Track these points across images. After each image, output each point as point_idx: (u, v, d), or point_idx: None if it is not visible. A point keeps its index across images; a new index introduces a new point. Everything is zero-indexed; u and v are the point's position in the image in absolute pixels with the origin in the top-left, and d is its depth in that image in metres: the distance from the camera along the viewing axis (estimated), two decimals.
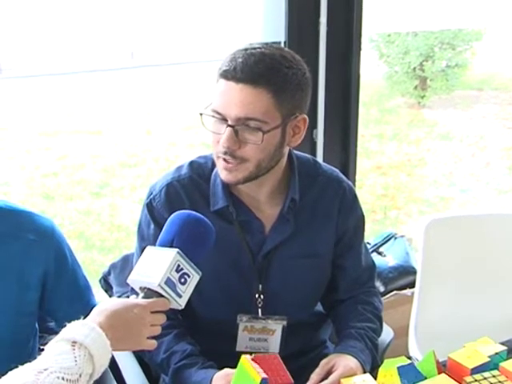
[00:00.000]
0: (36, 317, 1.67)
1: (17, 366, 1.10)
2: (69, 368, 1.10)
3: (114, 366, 1.79)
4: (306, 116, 1.60)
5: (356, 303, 1.79)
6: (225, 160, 1.54)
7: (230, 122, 1.50)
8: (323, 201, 1.72)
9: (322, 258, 1.74)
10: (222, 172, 1.57)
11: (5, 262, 1.56)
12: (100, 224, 5.06)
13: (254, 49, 1.52)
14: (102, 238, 4.85)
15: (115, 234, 4.89)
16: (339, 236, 1.75)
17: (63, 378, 1.08)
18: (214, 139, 1.55)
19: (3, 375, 1.07)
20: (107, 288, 1.94)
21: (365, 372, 1.58)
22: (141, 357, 1.83)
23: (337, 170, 1.81)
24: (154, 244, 1.53)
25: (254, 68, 1.48)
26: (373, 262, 1.91)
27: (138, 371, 1.83)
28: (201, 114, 1.55)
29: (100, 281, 1.97)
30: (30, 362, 1.11)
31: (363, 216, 1.82)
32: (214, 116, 1.53)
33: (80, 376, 1.10)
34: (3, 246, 1.56)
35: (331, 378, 1.52)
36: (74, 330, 1.16)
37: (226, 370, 1.49)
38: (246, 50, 1.51)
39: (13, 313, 1.58)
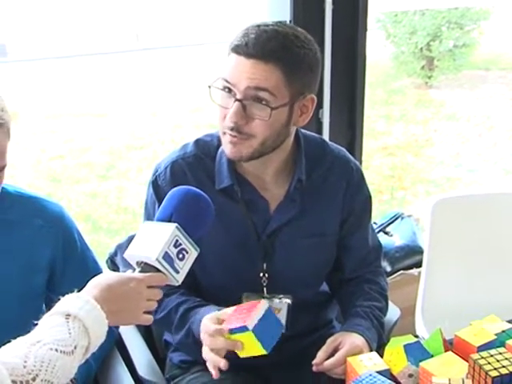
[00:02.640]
0: (43, 299, 1.68)
1: None
2: (63, 340, 1.08)
3: (121, 346, 1.81)
4: (314, 96, 1.59)
5: (362, 282, 1.79)
6: (230, 135, 1.53)
7: (238, 96, 1.49)
8: (330, 180, 1.71)
9: (328, 237, 1.74)
10: (226, 146, 1.57)
11: (14, 246, 1.58)
12: (107, 206, 5.07)
13: (267, 25, 1.52)
14: (108, 221, 4.86)
15: (122, 216, 4.90)
16: (345, 216, 1.75)
17: (57, 350, 1.06)
18: (221, 114, 1.55)
19: None
20: (114, 268, 1.94)
21: (371, 350, 1.58)
22: (148, 337, 1.85)
23: (344, 150, 1.80)
24: None
25: (266, 44, 1.47)
26: (379, 242, 1.91)
27: (146, 351, 1.84)
28: (209, 87, 1.54)
29: (107, 261, 1.97)
30: None
31: (370, 197, 1.82)
32: (223, 89, 1.53)
33: (75, 348, 1.09)
34: (13, 231, 1.58)
35: (337, 355, 1.53)
36: (68, 302, 1.15)
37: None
38: (258, 26, 1.51)
39: (20, 295, 1.59)
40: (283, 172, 1.67)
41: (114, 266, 1.96)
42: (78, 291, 1.20)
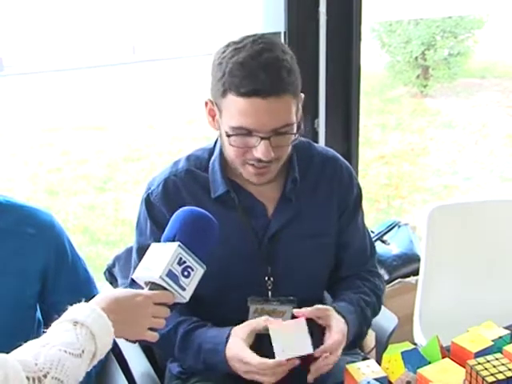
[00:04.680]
0: (36, 309, 1.68)
1: None
2: (71, 343, 1.13)
3: (120, 358, 1.81)
4: (302, 94, 1.62)
5: (356, 279, 1.79)
6: (257, 167, 1.56)
7: (263, 135, 1.50)
8: (322, 180, 1.74)
9: (328, 237, 1.75)
10: (253, 177, 1.59)
11: (5, 256, 1.57)
12: (104, 218, 5.08)
13: (259, 54, 1.48)
14: (106, 233, 4.86)
15: (120, 228, 4.91)
16: (340, 213, 1.76)
17: (65, 351, 1.11)
18: (239, 151, 1.55)
19: None
20: (112, 280, 1.95)
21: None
22: (146, 347, 1.85)
23: (332, 150, 1.83)
24: (150, 239, 1.56)
25: (279, 77, 1.47)
26: (373, 244, 1.90)
27: (145, 363, 1.84)
28: (228, 136, 1.53)
29: (105, 273, 1.97)
30: None
31: (361, 191, 1.83)
32: (242, 134, 1.52)
33: (83, 352, 1.13)
34: (3, 240, 1.57)
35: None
36: (76, 311, 1.19)
37: (248, 321, 1.54)
38: (251, 58, 1.47)
39: (12, 306, 1.59)
40: (278, 175, 1.68)
41: (111, 278, 1.96)
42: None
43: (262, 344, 1.53)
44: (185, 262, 1.32)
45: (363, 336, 1.80)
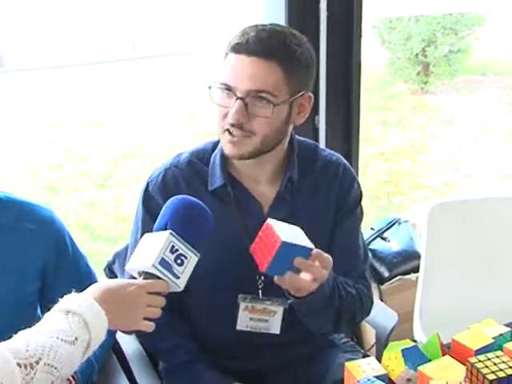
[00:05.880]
0: (36, 307, 1.68)
1: None
2: (63, 330, 1.12)
3: (121, 356, 1.81)
4: (311, 94, 1.62)
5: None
6: (231, 133, 1.54)
7: (239, 95, 1.50)
8: (323, 183, 1.71)
9: (323, 238, 1.71)
10: (226, 146, 1.57)
11: (5, 252, 1.56)
12: (105, 215, 5.08)
13: (264, 25, 1.54)
14: (107, 229, 4.86)
15: (120, 224, 4.91)
16: (336, 211, 1.73)
17: (58, 338, 1.10)
18: (221, 113, 1.55)
19: None
20: (112, 277, 1.95)
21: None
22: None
23: (337, 154, 1.80)
24: (142, 228, 1.58)
25: (267, 42, 1.49)
26: (367, 252, 1.85)
27: (146, 360, 1.84)
28: (209, 87, 1.55)
29: (105, 270, 1.97)
30: None
31: (361, 196, 1.79)
32: (222, 89, 1.54)
33: (76, 339, 1.12)
34: (3, 236, 1.56)
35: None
36: (68, 300, 1.19)
37: None
38: (256, 26, 1.53)
39: (12, 304, 1.58)
40: (277, 173, 1.68)
41: (111, 274, 1.96)
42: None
43: (259, 350, 1.60)
44: (177, 250, 1.31)
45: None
